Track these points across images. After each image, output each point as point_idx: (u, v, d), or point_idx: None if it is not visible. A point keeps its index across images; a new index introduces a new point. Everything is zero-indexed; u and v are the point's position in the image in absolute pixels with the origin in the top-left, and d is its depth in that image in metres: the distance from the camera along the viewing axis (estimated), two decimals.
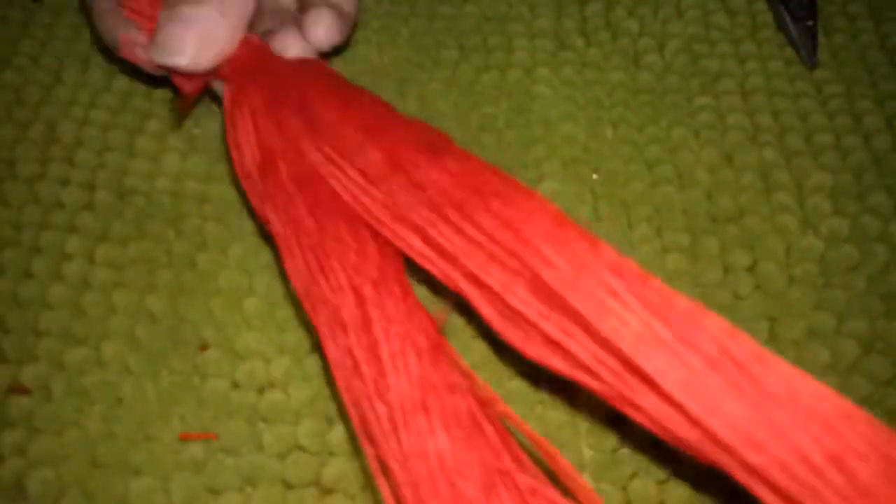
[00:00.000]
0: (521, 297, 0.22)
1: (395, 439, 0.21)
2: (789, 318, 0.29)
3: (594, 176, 0.33)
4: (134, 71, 0.36)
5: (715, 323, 0.19)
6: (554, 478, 0.21)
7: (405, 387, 0.21)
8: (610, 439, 0.26)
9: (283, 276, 0.28)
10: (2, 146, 0.33)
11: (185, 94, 0.29)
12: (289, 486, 0.26)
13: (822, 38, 0.38)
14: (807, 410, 0.18)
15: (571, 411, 0.27)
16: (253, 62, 0.28)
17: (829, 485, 0.17)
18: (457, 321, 0.28)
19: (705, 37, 0.38)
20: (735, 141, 0.34)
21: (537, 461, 0.22)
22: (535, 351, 0.22)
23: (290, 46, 0.30)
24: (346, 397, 0.22)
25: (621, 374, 0.20)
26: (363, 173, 0.25)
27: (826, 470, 0.17)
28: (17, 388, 0.27)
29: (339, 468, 0.26)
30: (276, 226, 0.25)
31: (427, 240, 0.24)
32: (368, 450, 0.21)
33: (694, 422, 0.19)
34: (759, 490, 0.18)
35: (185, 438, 0.26)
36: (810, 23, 0.37)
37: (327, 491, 0.25)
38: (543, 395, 0.27)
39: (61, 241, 0.30)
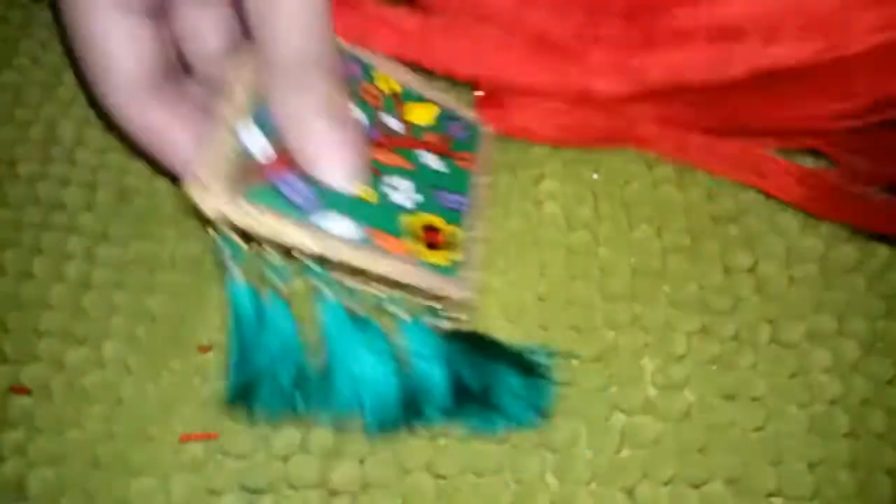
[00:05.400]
0: None
1: None
2: (790, 319, 0.29)
3: (594, 176, 0.33)
4: None
5: None
6: None
7: None
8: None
9: None
10: (2, 146, 0.33)
11: None
12: (293, 487, 0.26)
13: None
14: None
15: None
16: None
17: None
18: None
19: None
20: None
21: None
22: None
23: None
24: None
25: None
26: None
27: None
28: (17, 389, 0.27)
29: (346, 470, 0.26)
30: None
31: None
32: None
33: None
34: None
35: (185, 439, 0.26)
36: None
37: (333, 493, 0.25)
38: None
39: (61, 241, 0.30)
